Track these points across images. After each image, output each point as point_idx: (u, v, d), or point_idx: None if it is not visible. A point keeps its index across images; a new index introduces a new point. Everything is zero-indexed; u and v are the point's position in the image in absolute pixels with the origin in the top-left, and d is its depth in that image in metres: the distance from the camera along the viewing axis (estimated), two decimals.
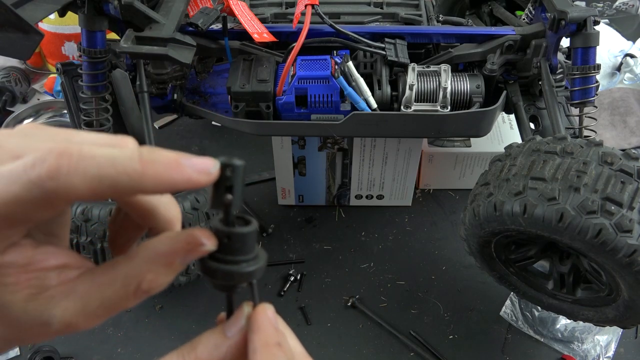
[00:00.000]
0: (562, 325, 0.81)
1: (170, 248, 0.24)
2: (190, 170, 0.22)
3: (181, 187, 0.22)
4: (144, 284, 0.23)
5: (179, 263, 0.24)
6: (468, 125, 0.74)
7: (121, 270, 0.23)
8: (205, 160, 0.23)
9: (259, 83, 0.74)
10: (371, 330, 0.82)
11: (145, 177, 0.21)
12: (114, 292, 0.23)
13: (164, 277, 0.24)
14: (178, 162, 0.22)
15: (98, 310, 0.23)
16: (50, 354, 0.77)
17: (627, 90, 1.15)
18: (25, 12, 0.60)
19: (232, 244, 0.25)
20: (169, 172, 0.22)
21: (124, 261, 0.24)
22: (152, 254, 0.24)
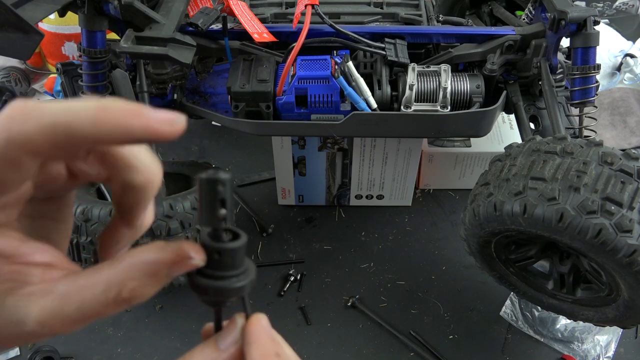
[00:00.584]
0: (562, 325, 0.81)
1: (157, 257, 0.23)
2: (151, 119, 0.21)
3: (140, 136, 0.21)
4: (124, 292, 0.22)
5: (165, 275, 0.23)
6: (468, 125, 0.74)
7: (104, 275, 0.23)
8: (170, 112, 0.21)
9: (259, 83, 0.74)
10: (371, 330, 0.82)
11: (100, 122, 0.20)
12: (93, 297, 0.22)
13: (147, 287, 0.23)
14: (138, 110, 0.20)
15: (75, 314, 0.22)
16: (50, 354, 0.77)
17: (627, 90, 1.15)
18: (25, 12, 0.60)
19: (223, 259, 0.24)
20: (126, 119, 0.20)
21: (108, 266, 0.23)
22: (137, 262, 0.23)
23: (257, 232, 0.96)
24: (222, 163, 1.09)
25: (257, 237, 0.95)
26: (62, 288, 0.23)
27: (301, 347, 0.79)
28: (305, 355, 0.79)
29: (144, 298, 0.23)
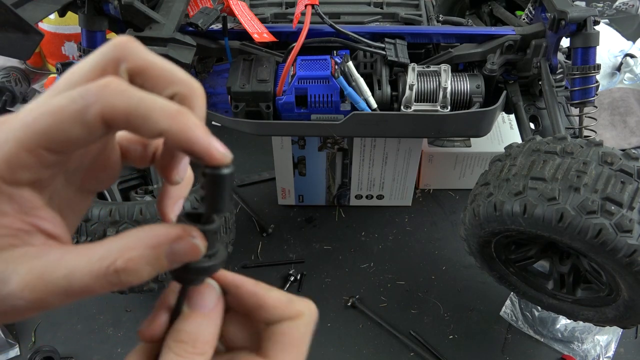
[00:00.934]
0: (562, 325, 0.81)
1: (161, 231, 0.23)
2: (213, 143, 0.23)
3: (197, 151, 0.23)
4: (120, 261, 0.21)
5: (165, 251, 0.22)
6: (468, 125, 0.74)
7: (104, 244, 0.22)
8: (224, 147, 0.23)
9: (259, 83, 0.74)
10: (371, 330, 0.82)
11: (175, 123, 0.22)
12: (86, 264, 0.21)
13: (144, 261, 0.22)
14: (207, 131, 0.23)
15: (62, 281, 0.21)
16: (50, 354, 0.77)
17: (627, 90, 1.15)
18: (25, 12, 0.60)
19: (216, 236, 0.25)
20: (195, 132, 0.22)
21: (110, 239, 0.22)
22: (140, 233, 0.22)
23: (257, 232, 0.96)
24: None
25: (257, 237, 0.95)
26: (56, 253, 0.22)
27: None
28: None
29: (137, 274, 0.22)
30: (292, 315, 0.27)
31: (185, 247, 0.23)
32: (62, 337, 0.81)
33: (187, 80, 0.24)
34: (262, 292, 0.26)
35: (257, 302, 0.26)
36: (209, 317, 0.25)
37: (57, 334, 0.81)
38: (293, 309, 0.27)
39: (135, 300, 0.86)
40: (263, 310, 0.26)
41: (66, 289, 0.21)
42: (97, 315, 0.84)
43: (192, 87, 0.24)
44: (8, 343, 0.79)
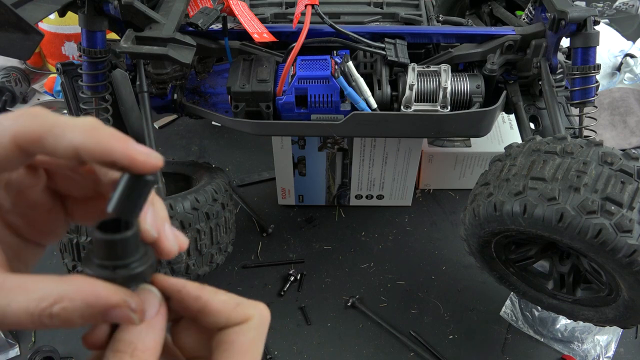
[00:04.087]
0: (562, 325, 0.81)
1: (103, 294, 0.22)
2: (131, 147, 0.22)
3: (118, 159, 0.22)
4: (55, 307, 0.21)
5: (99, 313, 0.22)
6: (468, 125, 0.74)
7: (47, 283, 0.22)
8: (149, 149, 0.23)
9: (259, 83, 0.74)
10: (371, 330, 0.82)
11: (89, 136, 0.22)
12: (24, 301, 0.21)
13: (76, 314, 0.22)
14: (123, 138, 0.23)
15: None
16: (50, 354, 0.77)
17: (627, 90, 1.15)
18: (25, 12, 0.60)
19: (127, 247, 0.24)
20: (110, 141, 0.22)
21: (55, 279, 0.22)
22: (84, 286, 0.22)
23: (257, 232, 0.96)
24: (222, 163, 1.09)
25: (257, 237, 0.95)
26: None
27: (301, 347, 0.79)
28: (305, 355, 0.79)
29: (69, 323, 0.22)
30: (239, 320, 0.25)
31: (121, 316, 0.23)
32: (62, 337, 0.81)
33: None
34: (207, 296, 0.25)
35: (202, 306, 0.25)
36: (149, 325, 0.24)
37: (57, 334, 0.81)
38: (240, 313, 0.25)
39: None
40: (208, 314, 0.25)
41: None
42: None
43: None
44: (8, 343, 0.79)
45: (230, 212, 0.78)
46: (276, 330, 0.82)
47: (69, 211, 0.28)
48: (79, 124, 0.22)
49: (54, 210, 0.28)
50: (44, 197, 0.27)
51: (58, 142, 0.22)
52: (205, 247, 0.72)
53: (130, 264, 0.24)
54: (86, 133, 0.22)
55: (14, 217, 0.26)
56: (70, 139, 0.22)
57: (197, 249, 0.71)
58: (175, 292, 0.26)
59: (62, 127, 0.22)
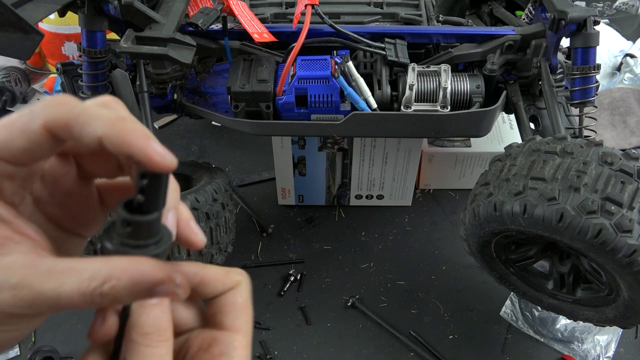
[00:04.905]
0: (562, 325, 0.81)
1: (148, 271, 0.23)
2: (152, 147, 0.23)
3: (136, 155, 0.23)
4: (105, 287, 0.22)
5: (145, 290, 0.23)
6: (468, 125, 0.74)
7: (96, 264, 0.23)
8: (166, 150, 0.24)
9: (259, 83, 0.74)
10: (371, 330, 0.82)
11: (114, 128, 0.23)
12: (76, 281, 0.22)
13: (124, 292, 0.23)
14: (146, 136, 0.23)
15: (51, 293, 0.22)
16: (50, 354, 0.77)
17: (627, 90, 1.15)
18: (25, 12, 0.60)
19: (150, 228, 0.25)
20: (133, 136, 0.23)
21: (101, 259, 0.23)
22: (129, 265, 0.23)
23: (257, 232, 0.96)
24: (222, 163, 1.09)
25: (257, 237, 0.95)
26: (49, 263, 0.23)
27: (301, 347, 0.79)
28: (305, 355, 0.79)
29: (118, 300, 0.23)
30: (232, 284, 0.28)
31: (166, 291, 0.24)
32: (62, 337, 0.81)
33: None
34: (202, 270, 0.28)
35: (200, 279, 0.27)
36: (161, 306, 0.26)
37: (57, 334, 0.81)
38: (232, 279, 0.28)
39: None
40: (206, 285, 0.28)
41: (54, 301, 0.23)
42: None
43: None
44: None
45: (230, 212, 0.78)
46: (276, 330, 0.82)
47: (105, 201, 0.30)
48: (105, 115, 0.23)
49: (90, 199, 0.29)
50: (78, 185, 0.28)
51: (84, 130, 0.23)
52: (205, 247, 0.72)
53: (148, 245, 0.24)
54: (110, 124, 0.23)
55: (53, 209, 0.28)
56: (95, 128, 0.23)
57: None
58: None
59: (88, 115, 0.23)
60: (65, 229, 0.29)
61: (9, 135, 0.23)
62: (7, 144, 0.23)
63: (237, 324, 0.27)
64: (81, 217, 0.29)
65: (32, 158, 0.24)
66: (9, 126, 0.24)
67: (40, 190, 0.27)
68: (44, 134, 0.23)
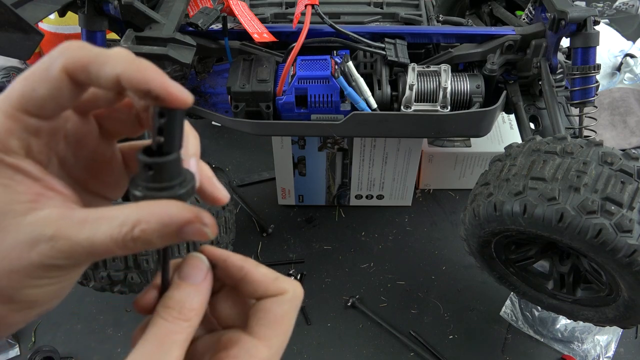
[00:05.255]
0: (562, 325, 0.81)
1: (176, 212, 0.24)
2: (169, 82, 0.24)
3: (155, 89, 0.23)
4: (136, 230, 0.23)
5: (174, 231, 0.24)
6: (468, 125, 0.74)
7: (125, 210, 0.23)
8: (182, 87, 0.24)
9: (259, 83, 0.74)
10: (371, 330, 0.82)
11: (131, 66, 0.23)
12: (108, 228, 0.23)
13: (155, 234, 0.23)
14: (162, 73, 0.24)
15: (85, 242, 0.23)
16: (50, 354, 0.77)
17: (627, 90, 1.15)
18: (25, 12, 0.60)
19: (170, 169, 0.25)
20: (151, 72, 0.24)
21: (129, 206, 0.24)
22: (157, 209, 0.24)
23: (257, 232, 0.96)
24: (222, 163, 1.09)
25: (257, 237, 0.95)
26: (81, 214, 0.24)
27: (301, 347, 0.79)
28: (305, 355, 0.79)
29: (150, 244, 0.24)
30: (276, 292, 0.28)
31: (194, 231, 0.24)
32: (62, 337, 0.81)
33: None
34: (250, 267, 0.28)
35: (244, 275, 0.28)
36: (197, 288, 0.26)
37: (57, 334, 0.81)
38: (278, 286, 0.28)
39: None
40: (249, 284, 0.28)
41: (89, 249, 0.23)
42: (97, 315, 0.84)
43: None
44: (8, 343, 0.79)
45: (230, 212, 0.78)
46: None
47: (129, 166, 0.30)
48: (122, 54, 0.24)
49: (114, 161, 0.29)
50: (101, 146, 0.28)
51: (102, 69, 0.23)
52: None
53: (173, 186, 0.25)
54: (127, 62, 0.23)
55: (79, 171, 0.28)
56: (113, 67, 0.23)
57: (197, 249, 0.71)
58: (221, 260, 0.28)
59: (105, 55, 0.23)
60: (91, 191, 0.29)
61: (31, 85, 0.23)
62: (30, 94, 0.23)
63: (264, 332, 0.27)
64: (106, 179, 0.29)
65: (55, 107, 0.24)
66: (30, 76, 0.24)
67: (65, 151, 0.27)
68: (64, 78, 0.23)
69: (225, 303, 0.29)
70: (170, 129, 0.24)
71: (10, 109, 0.24)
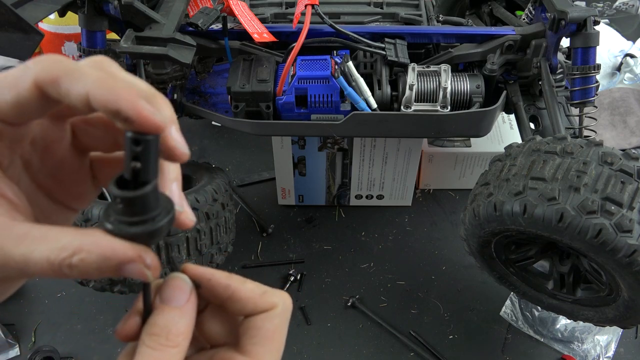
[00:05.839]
0: (562, 325, 0.81)
1: (118, 249, 0.23)
2: (141, 104, 0.22)
3: (123, 108, 0.22)
4: (75, 259, 0.22)
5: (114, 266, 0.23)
6: (468, 125, 0.74)
7: (69, 235, 0.23)
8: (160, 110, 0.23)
9: (259, 83, 0.74)
10: (371, 330, 0.82)
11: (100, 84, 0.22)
12: (46, 250, 0.22)
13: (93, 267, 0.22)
14: (136, 93, 0.22)
15: (19, 258, 0.22)
16: (50, 354, 0.77)
17: (627, 90, 1.15)
18: (25, 12, 0.60)
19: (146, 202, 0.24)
20: (121, 92, 0.22)
21: (74, 231, 0.23)
22: (102, 241, 0.23)
23: (257, 232, 0.96)
24: (222, 163, 1.09)
25: (257, 237, 0.95)
26: (22, 228, 0.23)
27: (301, 347, 0.79)
28: (305, 355, 0.79)
29: (86, 274, 0.23)
30: (265, 307, 0.27)
31: (134, 271, 0.23)
32: (62, 337, 0.81)
33: None
34: (235, 284, 0.27)
35: (230, 294, 0.27)
36: (181, 310, 0.25)
37: (57, 334, 0.81)
38: (266, 301, 0.27)
39: None
40: (236, 302, 0.27)
41: (22, 266, 0.22)
42: (97, 315, 0.84)
43: None
44: (8, 343, 0.79)
45: (230, 212, 0.78)
46: None
47: (98, 175, 0.29)
48: (95, 73, 0.22)
49: (82, 171, 0.28)
50: (71, 156, 0.27)
51: (72, 86, 0.22)
52: (205, 247, 0.72)
53: (147, 220, 0.24)
54: (98, 81, 0.22)
55: (43, 177, 0.27)
56: (83, 85, 0.22)
57: (197, 249, 0.71)
58: (205, 280, 0.27)
59: (79, 72, 0.22)
60: (55, 200, 0.28)
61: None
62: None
63: (257, 350, 0.26)
64: (72, 189, 0.28)
65: (20, 116, 0.23)
66: (0, 80, 0.23)
67: (31, 154, 0.26)
68: (33, 90, 0.23)
69: (213, 321, 0.28)
70: (145, 157, 0.23)
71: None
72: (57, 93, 0.22)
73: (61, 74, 0.22)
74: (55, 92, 0.22)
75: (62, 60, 0.23)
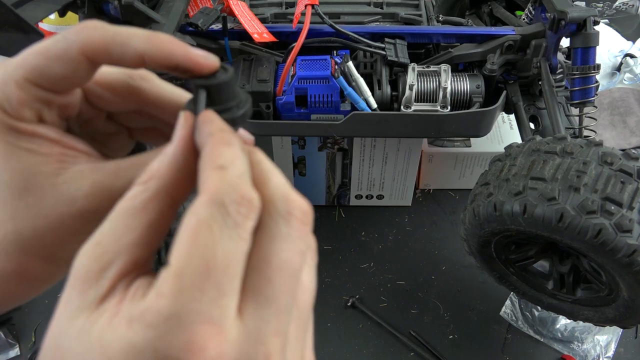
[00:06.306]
0: (562, 325, 0.81)
1: None
2: (191, 50, 0.23)
3: (180, 61, 0.23)
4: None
5: None
6: (468, 125, 0.75)
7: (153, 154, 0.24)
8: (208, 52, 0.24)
9: (259, 83, 0.74)
10: (371, 330, 0.82)
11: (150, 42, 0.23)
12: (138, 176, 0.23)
13: None
14: (182, 43, 0.24)
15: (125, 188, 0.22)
16: None
17: (627, 90, 1.15)
18: (25, 12, 0.60)
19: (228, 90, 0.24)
20: (171, 45, 0.23)
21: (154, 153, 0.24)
22: None
23: None
24: None
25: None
26: (112, 165, 0.24)
27: None
28: None
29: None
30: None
31: None
32: None
33: None
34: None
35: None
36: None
37: None
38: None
39: None
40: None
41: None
42: None
43: None
44: (8, 343, 0.79)
45: None
46: None
47: (133, 134, 0.30)
48: (140, 32, 0.23)
49: (120, 133, 0.30)
50: (108, 126, 0.29)
51: (124, 50, 0.23)
52: None
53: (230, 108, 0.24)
54: (148, 39, 0.23)
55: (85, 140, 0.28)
56: (135, 46, 0.23)
57: None
58: None
59: (124, 35, 0.23)
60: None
61: (46, 62, 0.23)
62: (44, 70, 0.23)
63: None
64: (111, 145, 0.30)
65: (70, 85, 0.24)
66: (45, 52, 0.23)
67: (73, 124, 0.27)
68: (82, 60, 0.23)
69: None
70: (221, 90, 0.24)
71: (22, 80, 0.23)
72: (108, 59, 0.23)
73: (109, 40, 0.23)
74: (107, 59, 0.23)
75: (101, 26, 0.23)
